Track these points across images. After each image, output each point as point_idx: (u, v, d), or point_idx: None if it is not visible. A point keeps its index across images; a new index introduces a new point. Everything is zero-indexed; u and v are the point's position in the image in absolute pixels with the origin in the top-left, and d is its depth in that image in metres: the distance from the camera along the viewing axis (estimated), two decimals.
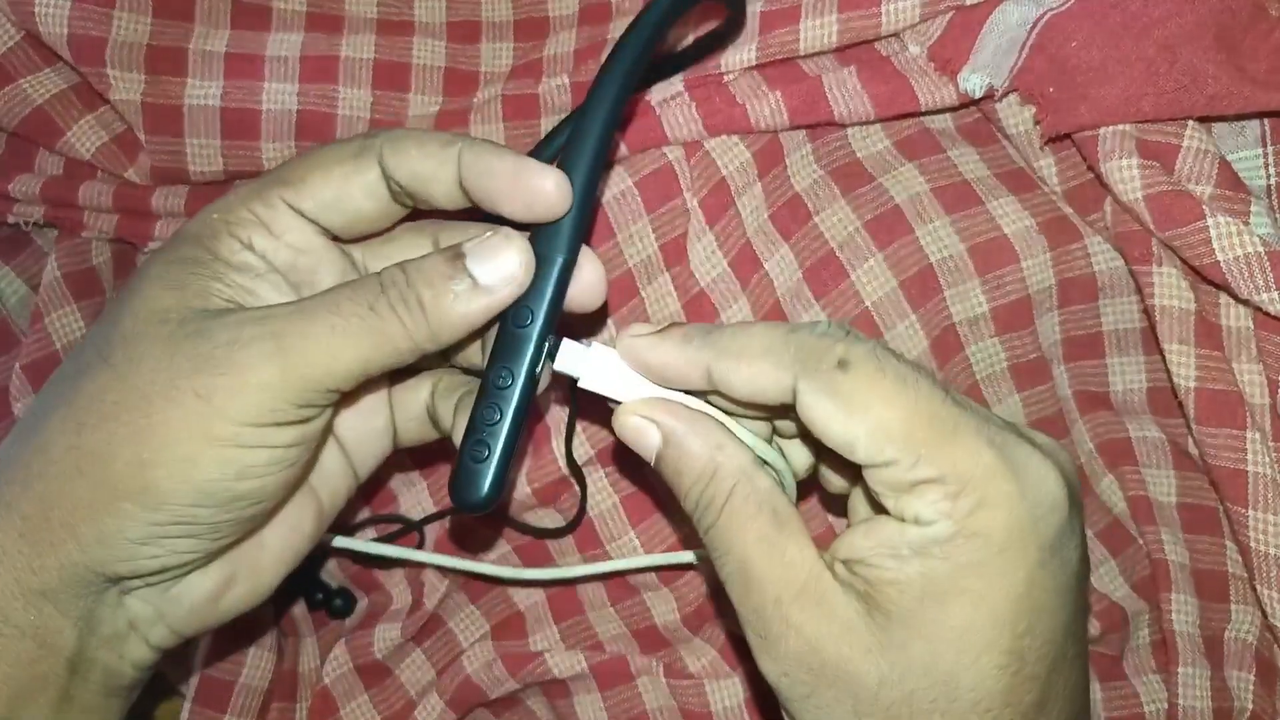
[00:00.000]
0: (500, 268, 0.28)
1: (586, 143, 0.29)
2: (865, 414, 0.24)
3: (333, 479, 0.32)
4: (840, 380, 0.24)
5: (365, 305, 0.26)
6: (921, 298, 0.38)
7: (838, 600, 0.25)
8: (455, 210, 0.30)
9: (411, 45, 0.43)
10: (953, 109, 0.39)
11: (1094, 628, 0.40)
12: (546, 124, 0.41)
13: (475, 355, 0.33)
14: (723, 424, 0.28)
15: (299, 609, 0.45)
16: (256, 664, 0.42)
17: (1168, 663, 0.39)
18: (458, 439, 0.31)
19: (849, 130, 0.40)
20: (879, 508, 0.26)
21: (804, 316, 0.39)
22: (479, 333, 0.30)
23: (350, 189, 0.29)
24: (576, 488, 0.42)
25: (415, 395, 0.34)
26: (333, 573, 0.46)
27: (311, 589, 0.45)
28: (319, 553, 0.43)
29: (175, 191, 0.43)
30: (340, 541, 0.41)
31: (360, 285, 0.27)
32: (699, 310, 0.40)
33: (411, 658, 0.44)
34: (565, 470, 0.41)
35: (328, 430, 0.30)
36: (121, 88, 0.41)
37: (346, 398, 0.30)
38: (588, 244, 0.31)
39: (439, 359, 0.34)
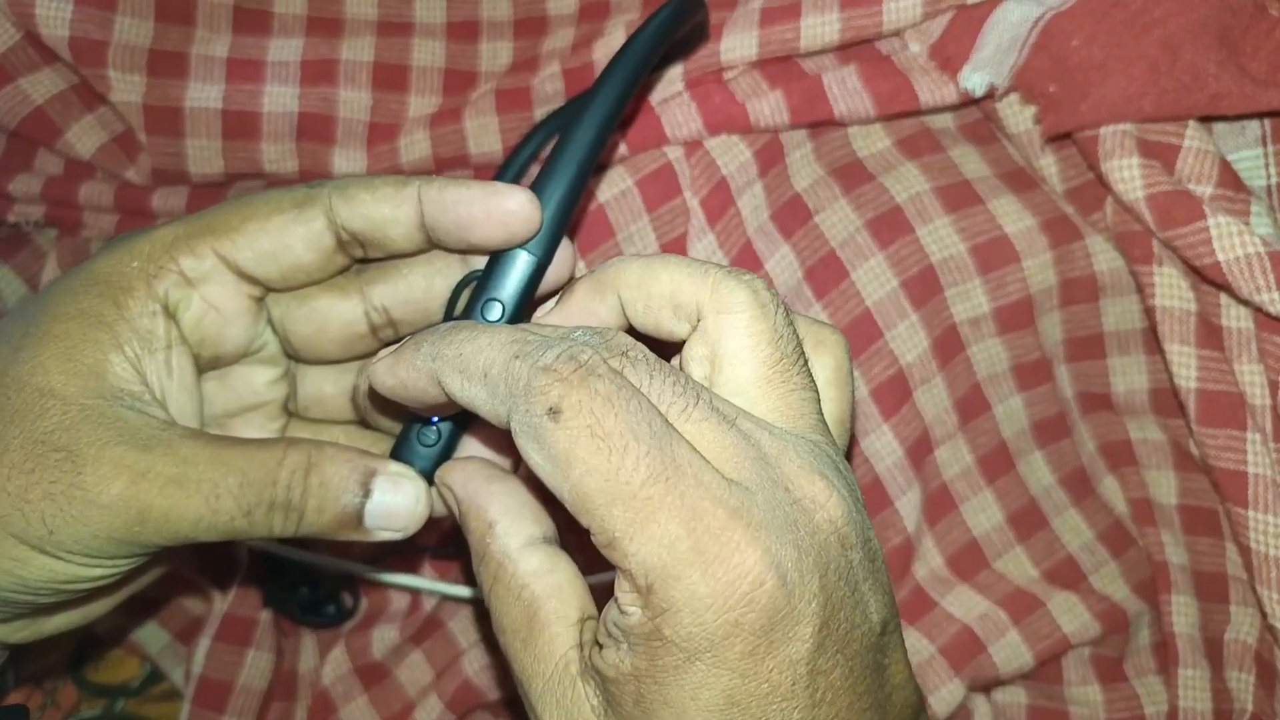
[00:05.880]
0: (395, 519, 0.27)
1: (570, 157, 0.29)
2: (567, 475, 0.22)
3: None
4: (547, 430, 0.22)
5: (242, 509, 0.25)
6: (923, 297, 0.38)
7: (577, 697, 0.23)
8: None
9: (411, 46, 0.43)
10: (954, 108, 0.39)
11: (1095, 629, 0.40)
12: (539, 114, 0.41)
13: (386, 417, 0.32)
14: (521, 490, 0.27)
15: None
16: (255, 664, 0.42)
17: (1168, 664, 0.39)
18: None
19: (850, 129, 0.40)
20: None
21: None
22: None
23: (290, 240, 0.28)
24: None
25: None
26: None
27: (300, 609, 0.44)
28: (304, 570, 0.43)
29: (175, 192, 0.43)
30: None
31: (248, 482, 0.25)
32: None
33: (410, 658, 0.44)
34: None
35: None
36: (122, 89, 0.41)
37: None
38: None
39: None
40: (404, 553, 0.44)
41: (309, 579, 0.43)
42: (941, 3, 0.36)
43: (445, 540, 0.44)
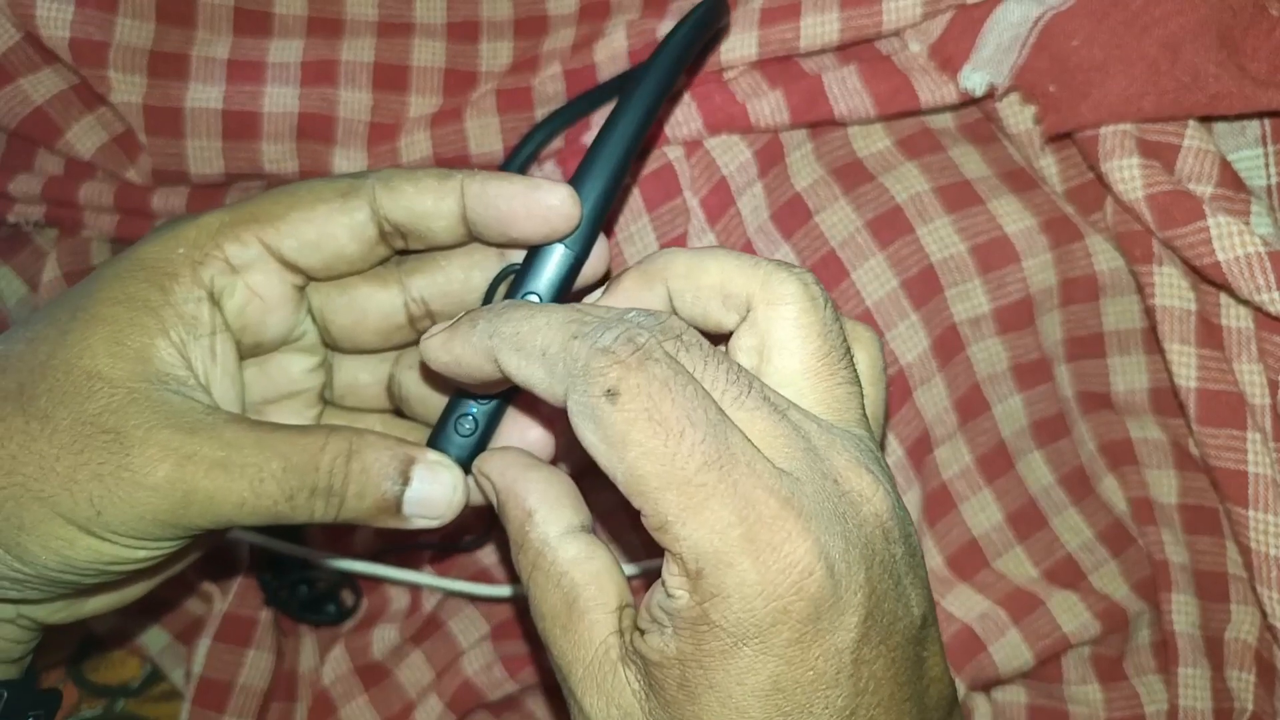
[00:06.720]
0: (433, 507, 0.27)
1: (609, 154, 0.29)
2: (623, 457, 0.22)
3: None
4: (605, 412, 0.22)
5: (285, 494, 0.26)
6: (923, 297, 0.38)
7: (618, 681, 0.23)
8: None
9: (411, 47, 0.43)
10: (954, 108, 0.40)
11: (1094, 628, 0.40)
12: (540, 114, 0.41)
13: (421, 406, 0.32)
14: (559, 479, 0.27)
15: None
16: (256, 664, 0.42)
17: (1168, 663, 0.39)
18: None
19: (850, 129, 0.40)
20: None
21: None
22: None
23: (334, 229, 0.28)
24: None
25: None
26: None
27: (300, 608, 0.44)
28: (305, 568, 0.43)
29: (176, 191, 0.43)
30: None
31: (291, 467, 0.26)
32: None
33: (410, 658, 0.44)
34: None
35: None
36: (122, 90, 0.41)
37: None
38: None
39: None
40: (404, 549, 0.44)
41: (309, 577, 0.43)
42: (941, 2, 0.36)
43: (448, 538, 0.44)
